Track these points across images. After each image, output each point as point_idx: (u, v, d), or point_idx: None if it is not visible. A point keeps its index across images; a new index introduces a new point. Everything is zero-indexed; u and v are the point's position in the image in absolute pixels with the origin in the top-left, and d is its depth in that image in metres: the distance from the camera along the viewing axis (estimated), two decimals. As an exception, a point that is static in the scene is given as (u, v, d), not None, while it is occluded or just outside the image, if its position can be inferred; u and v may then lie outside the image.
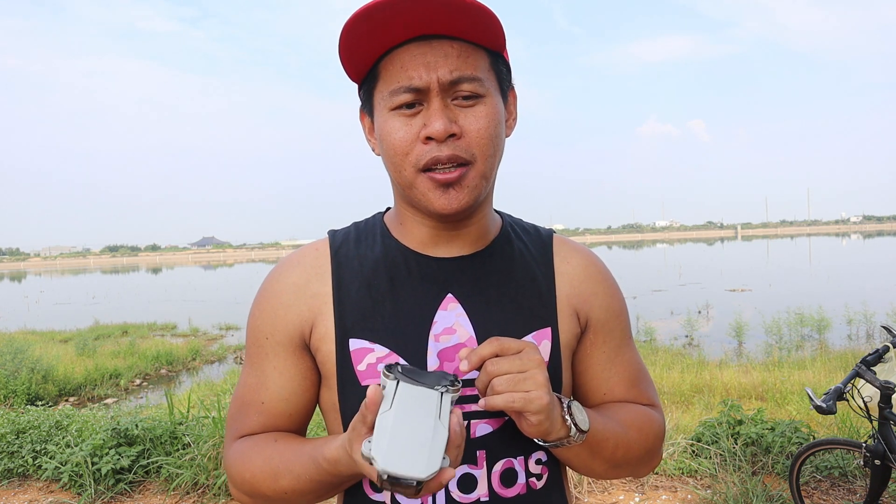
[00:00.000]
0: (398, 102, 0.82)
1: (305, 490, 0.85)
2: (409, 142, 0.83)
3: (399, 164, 0.84)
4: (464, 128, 0.82)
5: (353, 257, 0.94)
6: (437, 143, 0.81)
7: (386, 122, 0.84)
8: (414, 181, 0.84)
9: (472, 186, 0.85)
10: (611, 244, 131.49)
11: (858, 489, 3.68)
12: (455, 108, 0.83)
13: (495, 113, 0.85)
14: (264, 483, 0.88)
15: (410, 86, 0.81)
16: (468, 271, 0.92)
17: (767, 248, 65.15)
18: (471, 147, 0.83)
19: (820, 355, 8.72)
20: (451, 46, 0.82)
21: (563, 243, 1.00)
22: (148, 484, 4.28)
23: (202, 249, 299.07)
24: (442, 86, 0.81)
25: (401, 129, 0.83)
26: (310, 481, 0.84)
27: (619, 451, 0.89)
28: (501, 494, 0.88)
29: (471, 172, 0.84)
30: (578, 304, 0.95)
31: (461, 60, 0.82)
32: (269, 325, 0.93)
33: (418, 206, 0.88)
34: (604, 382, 0.96)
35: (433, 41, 0.81)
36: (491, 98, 0.85)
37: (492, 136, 0.84)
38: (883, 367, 2.68)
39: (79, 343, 12.09)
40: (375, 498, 0.89)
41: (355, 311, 0.90)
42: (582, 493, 3.85)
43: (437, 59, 0.81)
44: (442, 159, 0.82)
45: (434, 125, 0.80)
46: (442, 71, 0.81)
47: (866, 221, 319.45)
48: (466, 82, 0.82)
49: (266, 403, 0.93)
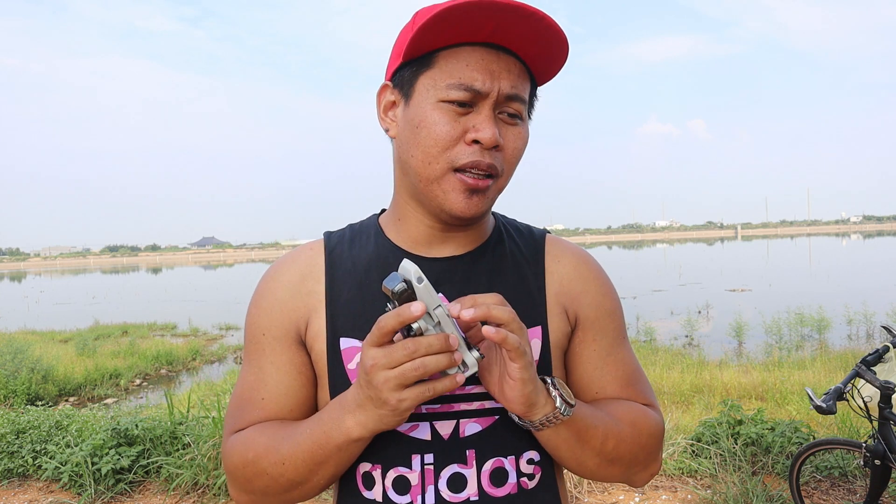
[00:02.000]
0: (453, 97, 0.83)
1: (301, 456, 0.84)
2: (453, 138, 0.83)
3: (433, 157, 0.84)
4: (504, 143, 0.86)
5: (346, 258, 0.95)
6: (481, 149, 0.84)
7: (432, 111, 0.84)
8: (442, 177, 0.85)
9: (491, 198, 0.89)
10: (611, 244, 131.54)
11: (858, 489, 3.68)
12: (500, 123, 0.86)
13: (526, 137, 0.90)
14: (266, 456, 0.86)
15: (472, 86, 0.82)
16: (459, 271, 0.93)
17: (767, 248, 65.16)
18: (504, 162, 0.87)
19: (820, 355, 8.72)
20: (515, 64, 0.85)
21: (555, 243, 1.00)
22: (148, 484, 4.28)
23: (202, 249, 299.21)
24: (500, 97, 0.84)
25: (447, 124, 0.83)
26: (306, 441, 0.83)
27: (610, 442, 0.86)
28: (492, 494, 0.88)
29: (494, 185, 0.87)
30: (567, 302, 0.95)
31: (519, 80, 0.85)
32: (265, 321, 0.94)
33: (431, 202, 0.88)
34: (596, 381, 0.95)
35: (500, 52, 0.84)
36: (525, 123, 0.89)
37: (519, 156, 0.89)
38: (883, 367, 2.68)
39: (79, 343, 12.09)
40: (367, 496, 0.89)
41: (346, 311, 0.91)
42: (582, 494, 3.85)
43: (501, 70, 0.83)
44: (482, 165, 0.84)
45: (486, 131, 0.82)
46: (504, 83, 0.83)
47: (866, 221, 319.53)
48: (518, 102, 0.86)
49: (266, 400, 0.92)
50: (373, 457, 0.89)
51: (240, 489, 0.90)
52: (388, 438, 0.88)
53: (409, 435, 0.88)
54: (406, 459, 0.88)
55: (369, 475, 0.89)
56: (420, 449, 0.88)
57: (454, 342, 0.73)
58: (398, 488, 0.88)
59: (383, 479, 0.88)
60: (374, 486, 0.89)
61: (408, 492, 0.87)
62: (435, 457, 0.87)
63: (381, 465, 0.88)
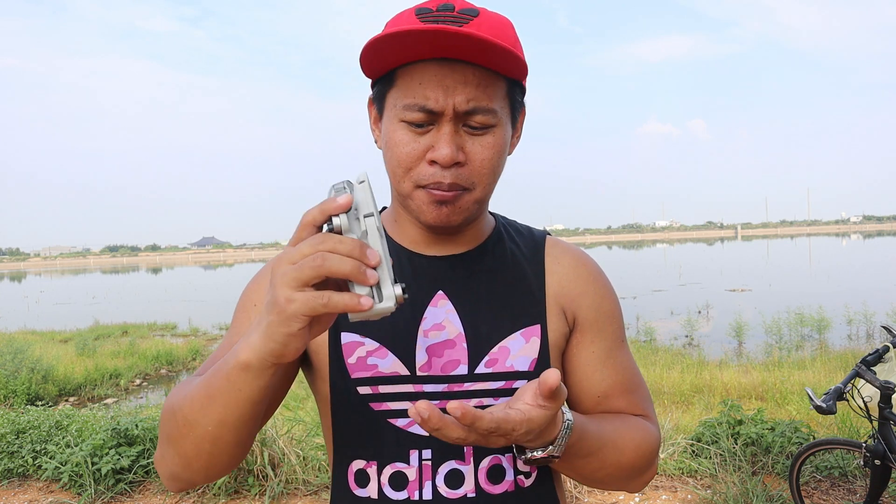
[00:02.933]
0: (409, 118, 0.82)
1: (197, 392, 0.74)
2: (415, 159, 0.83)
3: (400, 176, 0.86)
4: (469, 155, 0.83)
5: None
6: (440, 168, 0.82)
7: (395, 132, 0.84)
8: (411, 193, 0.86)
9: (465, 209, 0.86)
10: (611, 244, 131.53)
11: (858, 489, 3.68)
12: (464, 135, 0.83)
13: (502, 143, 0.86)
14: (179, 392, 0.78)
15: (425, 106, 0.81)
16: (459, 269, 0.94)
17: (767, 248, 65.15)
18: (472, 176, 0.84)
19: (820, 355, 8.72)
20: (473, 73, 0.81)
21: (555, 244, 1.00)
22: (148, 484, 4.28)
23: (202, 249, 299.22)
24: (457, 113, 0.81)
25: (408, 144, 0.83)
26: (210, 372, 0.74)
27: (608, 468, 0.88)
28: (489, 491, 0.88)
29: (466, 197, 0.85)
30: (566, 303, 0.95)
31: (479, 90, 0.81)
32: (260, 294, 0.93)
33: (410, 213, 0.90)
34: (596, 384, 0.95)
35: (455, 63, 0.81)
36: (500, 128, 0.85)
37: (494, 166, 0.86)
38: (883, 367, 2.68)
39: (79, 343, 12.08)
40: (359, 493, 0.89)
41: None
42: (582, 493, 3.85)
43: (456, 84, 0.80)
44: (443, 186, 0.83)
45: (441, 151, 0.81)
46: (459, 98, 0.80)
47: (866, 221, 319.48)
48: (481, 114, 0.82)
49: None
50: (368, 453, 0.89)
51: (159, 439, 0.82)
52: (385, 434, 0.88)
53: (408, 431, 0.88)
54: (404, 455, 0.88)
55: (363, 472, 0.89)
56: (418, 444, 0.88)
57: (373, 257, 0.63)
58: (395, 484, 0.88)
59: (379, 476, 0.88)
60: (369, 483, 0.89)
61: (405, 488, 0.87)
62: (433, 452, 0.88)
63: (378, 462, 0.89)
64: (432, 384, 0.88)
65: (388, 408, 0.88)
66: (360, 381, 0.89)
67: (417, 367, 0.89)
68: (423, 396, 0.88)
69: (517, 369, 0.90)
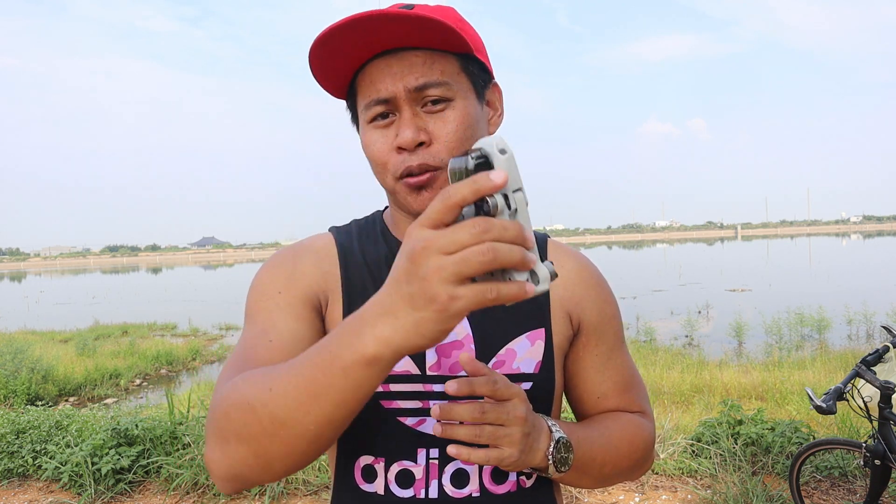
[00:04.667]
0: (372, 115, 0.86)
1: (292, 385, 0.64)
2: (386, 152, 0.86)
3: (380, 174, 0.88)
4: (433, 133, 0.84)
5: (356, 252, 0.96)
6: (408, 153, 0.84)
7: (365, 135, 0.88)
8: (394, 188, 0.88)
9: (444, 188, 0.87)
10: (611, 244, 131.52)
11: (858, 489, 3.68)
12: (425, 115, 0.84)
13: (466, 115, 0.86)
14: (253, 385, 0.68)
15: (379, 97, 0.84)
16: None
17: (767, 248, 65.15)
18: (440, 153, 0.84)
19: (820, 355, 8.72)
20: (416, 56, 0.84)
21: (557, 248, 1.02)
22: (148, 484, 4.28)
23: (202, 249, 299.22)
24: (408, 93, 0.83)
25: (378, 141, 0.86)
26: (306, 362, 0.64)
27: (607, 468, 0.92)
28: (492, 491, 0.89)
29: (442, 176, 0.85)
30: (571, 308, 0.97)
31: (426, 67, 0.83)
32: (283, 281, 0.90)
33: (403, 209, 0.92)
34: (597, 386, 0.98)
35: (399, 53, 0.84)
36: (462, 101, 0.86)
37: (461, 139, 0.85)
38: (883, 367, 2.68)
39: (79, 343, 12.08)
40: (366, 489, 0.90)
41: (360, 301, 0.92)
42: (582, 493, 3.85)
43: (403, 68, 0.83)
44: (413, 169, 0.84)
45: (403, 135, 0.83)
46: (408, 79, 0.83)
47: (866, 221, 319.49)
48: (433, 87, 0.83)
49: (275, 341, 0.83)
50: (376, 449, 0.89)
51: (215, 436, 0.70)
52: (395, 432, 0.88)
53: (417, 429, 0.89)
54: (412, 453, 0.88)
55: (371, 468, 0.90)
56: (426, 443, 0.88)
57: (531, 239, 0.56)
58: (401, 482, 0.88)
59: (386, 473, 0.89)
60: (376, 479, 0.89)
61: (411, 486, 0.88)
62: (440, 452, 0.88)
63: (385, 459, 0.89)
64: (441, 384, 0.89)
65: (398, 406, 0.89)
66: None
67: (427, 367, 0.89)
68: (432, 396, 0.89)
69: (523, 371, 0.91)
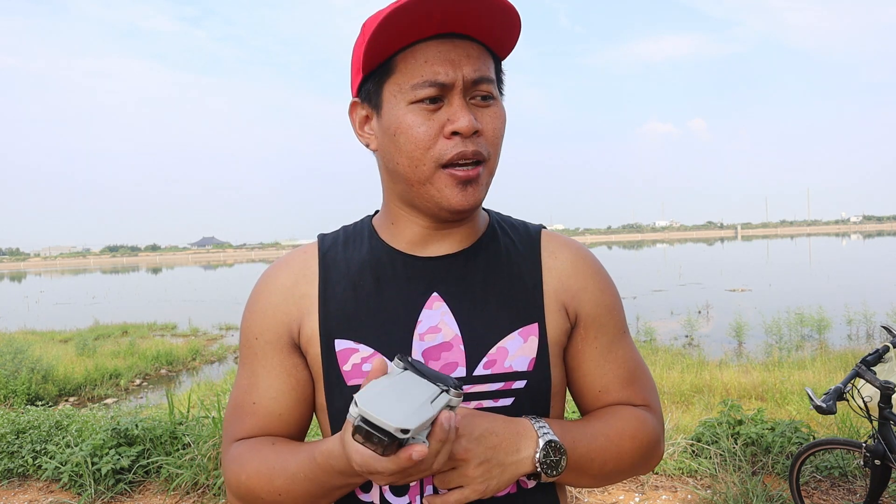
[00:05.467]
0: (421, 96, 0.83)
1: (299, 492, 0.84)
2: (432, 136, 0.83)
3: (419, 159, 0.84)
4: (483, 124, 0.86)
5: (340, 260, 0.95)
6: (461, 139, 0.83)
7: (405, 116, 0.84)
8: (432, 177, 0.85)
9: (484, 184, 0.88)
10: (611, 244, 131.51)
11: (858, 489, 3.68)
12: (474, 108, 0.85)
13: (504, 115, 0.90)
14: (259, 484, 0.86)
15: (436, 80, 0.82)
16: (453, 270, 0.93)
17: (767, 248, 65.14)
18: (487, 145, 0.86)
19: (820, 355, 8.72)
20: (473, 47, 0.85)
21: (551, 238, 0.99)
22: (148, 484, 4.28)
23: (202, 249, 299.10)
24: (466, 84, 0.83)
25: (423, 124, 0.83)
26: (304, 480, 0.82)
27: (609, 465, 0.89)
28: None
29: (485, 170, 0.87)
30: (567, 299, 0.94)
31: (482, 62, 0.85)
32: (258, 325, 0.94)
33: (426, 202, 0.88)
34: (598, 379, 0.95)
35: (455, 40, 0.84)
36: (499, 101, 0.89)
37: (501, 136, 0.88)
38: (883, 367, 2.68)
39: (79, 343, 12.09)
40: (364, 498, 0.89)
41: (340, 312, 0.91)
42: (582, 493, 3.84)
43: (461, 57, 0.83)
44: (468, 154, 0.84)
45: (462, 121, 0.82)
46: (467, 69, 0.83)
47: (866, 221, 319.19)
48: (486, 83, 0.85)
49: (257, 403, 0.93)
50: None
51: (238, 500, 0.91)
52: None
53: None
54: None
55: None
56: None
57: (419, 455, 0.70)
58: (396, 490, 0.88)
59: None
60: (372, 488, 0.89)
61: (406, 493, 0.87)
62: None
63: None
64: None
65: None
66: (356, 388, 0.88)
67: None
68: None
69: (516, 370, 0.89)
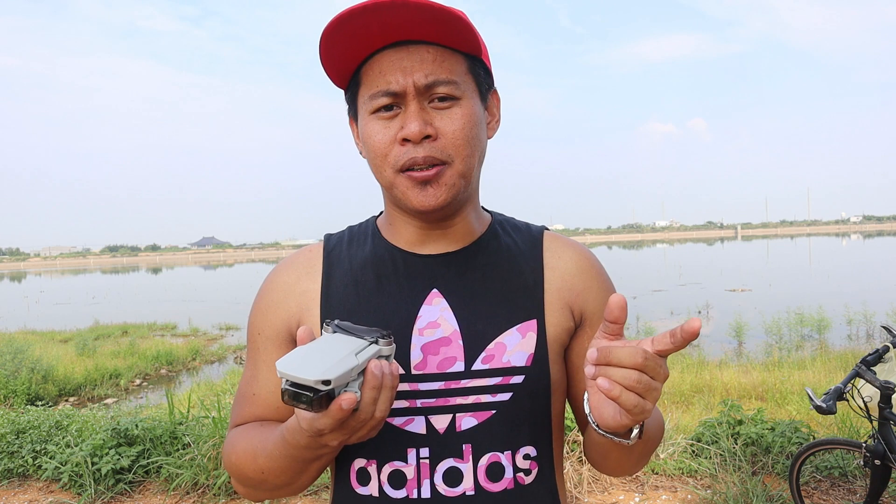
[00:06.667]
0: (377, 106, 0.86)
1: (278, 469, 0.85)
2: (388, 143, 0.86)
3: (380, 166, 0.88)
4: (440, 129, 0.85)
5: (343, 257, 0.98)
6: (413, 145, 0.84)
7: (367, 125, 0.88)
8: (394, 181, 0.88)
9: (449, 185, 0.87)
10: (611, 244, 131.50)
11: (858, 489, 3.68)
12: (432, 111, 0.86)
13: (472, 115, 0.87)
14: (245, 463, 0.89)
15: (388, 90, 0.84)
16: (453, 267, 0.95)
17: (767, 248, 65.13)
18: (447, 148, 0.86)
19: (820, 355, 8.72)
20: (428, 51, 0.85)
21: (554, 239, 1.01)
22: (148, 484, 4.28)
23: (202, 249, 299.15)
24: (418, 89, 0.84)
25: (380, 132, 0.86)
26: (280, 457, 0.84)
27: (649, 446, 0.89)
28: (488, 489, 0.89)
29: (448, 171, 0.86)
30: (571, 299, 0.96)
31: (437, 65, 0.85)
32: (260, 321, 0.98)
33: (400, 205, 0.91)
34: None
35: (410, 46, 0.85)
36: (468, 101, 0.87)
37: (468, 137, 0.86)
38: (883, 367, 2.68)
39: (79, 343, 12.08)
40: (361, 492, 0.91)
41: (341, 307, 0.93)
42: (582, 493, 3.85)
43: (414, 63, 0.84)
44: (418, 160, 0.85)
45: (409, 127, 0.83)
46: (418, 75, 0.84)
47: (866, 221, 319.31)
48: (442, 85, 0.85)
49: (256, 394, 0.97)
50: (368, 452, 0.90)
51: (236, 482, 0.95)
52: (383, 433, 0.89)
53: (404, 429, 0.89)
54: (401, 453, 0.89)
55: (364, 471, 0.91)
56: (415, 443, 0.88)
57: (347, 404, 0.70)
58: (394, 483, 0.89)
59: (379, 474, 0.89)
60: (370, 481, 0.90)
61: (404, 486, 0.88)
62: (430, 451, 0.88)
63: (377, 460, 0.90)
64: (428, 382, 0.89)
65: None
66: None
67: (412, 366, 0.89)
68: (418, 395, 0.89)
69: (514, 365, 0.90)
